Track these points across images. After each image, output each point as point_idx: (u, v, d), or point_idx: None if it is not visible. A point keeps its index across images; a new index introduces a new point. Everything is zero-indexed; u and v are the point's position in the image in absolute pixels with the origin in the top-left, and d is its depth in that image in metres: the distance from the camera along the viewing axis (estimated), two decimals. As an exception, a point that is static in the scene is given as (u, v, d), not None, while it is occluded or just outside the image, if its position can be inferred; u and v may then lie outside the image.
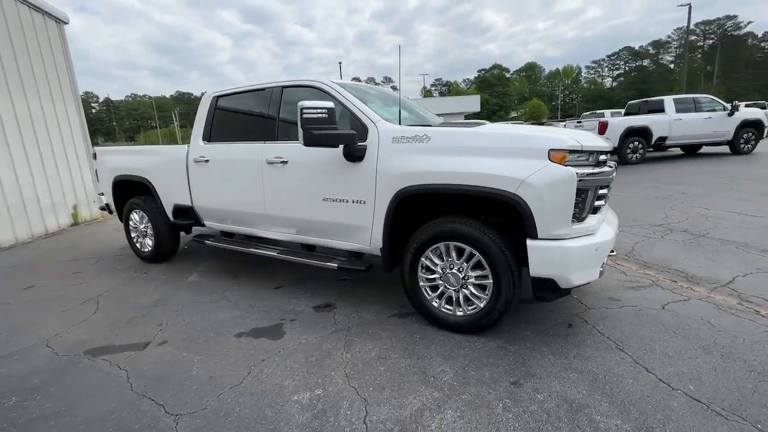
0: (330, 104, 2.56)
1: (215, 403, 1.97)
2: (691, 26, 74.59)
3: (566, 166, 2.12)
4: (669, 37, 75.43)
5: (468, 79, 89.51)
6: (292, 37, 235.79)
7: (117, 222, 7.09)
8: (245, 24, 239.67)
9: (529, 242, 2.19)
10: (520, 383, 2.03)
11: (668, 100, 10.44)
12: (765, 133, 11.14)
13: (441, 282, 2.56)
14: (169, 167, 3.96)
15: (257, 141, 3.28)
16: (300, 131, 2.55)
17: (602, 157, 2.31)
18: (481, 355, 2.30)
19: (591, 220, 2.29)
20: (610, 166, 2.38)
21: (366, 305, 3.05)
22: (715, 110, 10.40)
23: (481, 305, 2.43)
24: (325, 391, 2.03)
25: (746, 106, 15.64)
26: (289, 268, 3.98)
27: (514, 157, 2.21)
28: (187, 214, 4.00)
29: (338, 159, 2.77)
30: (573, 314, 2.76)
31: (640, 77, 77.22)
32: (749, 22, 64.33)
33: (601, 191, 2.30)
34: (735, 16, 65.05)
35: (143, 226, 4.38)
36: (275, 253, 3.35)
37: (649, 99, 11.32)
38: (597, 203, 2.30)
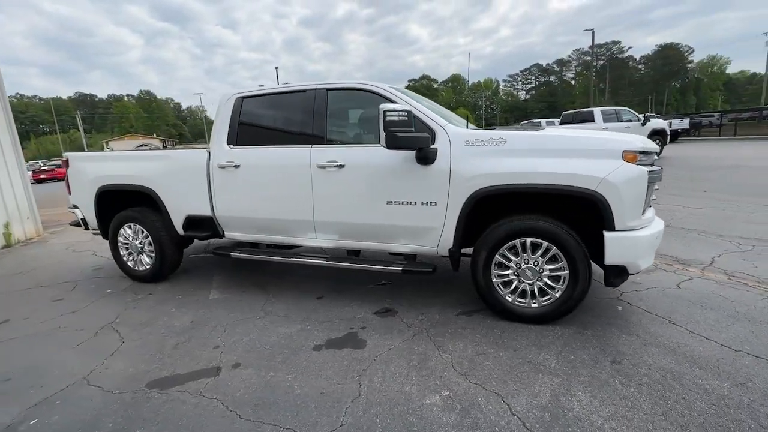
0: (408, 108, 2.58)
1: (349, 418, 1.87)
2: (587, 48, 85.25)
3: (637, 165, 2.41)
4: (569, 56, 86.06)
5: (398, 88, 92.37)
6: (213, 39, 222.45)
7: (65, 239, 6.14)
8: (160, 22, 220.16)
9: (607, 234, 2.44)
10: (618, 361, 2.24)
11: (597, 111, 11.99)
12: (668, 140, 13.33)
13: (514, 277, 2.71)
14: (182, 174, 3.57)
15: (301, 145, 3.14)
16: (383, 134, 2.53)
17: (654, 158, 2.66)
18: (567, 341, 2.48)
19: (649, 212, 2.62)
20: (659, 166, 2.75)
21: (425, 307, 3.08)
22: (631, 120, 12.18)
23: (557, 295, 2.63)
24: (452, 391, 2.04)
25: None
26: (317, 277, 3.83)
27: (592, 158, 2.45)
28: (203, 226, 3.64)
29: (404, 162, 2.79)
30: (613, 298, 3.09)
31: (548, 91, 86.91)
32: (629, 47, 76.26)
33: (655, 187, 2.65)
34: (619, 42, 76.71)
35: (138, 241, 3.87)
36: (324, 261, 3.22)
37: (581, 110, 12.90)
38: (652, 198, 2.64)
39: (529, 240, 2.61)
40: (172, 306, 3.34)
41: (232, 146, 3.39)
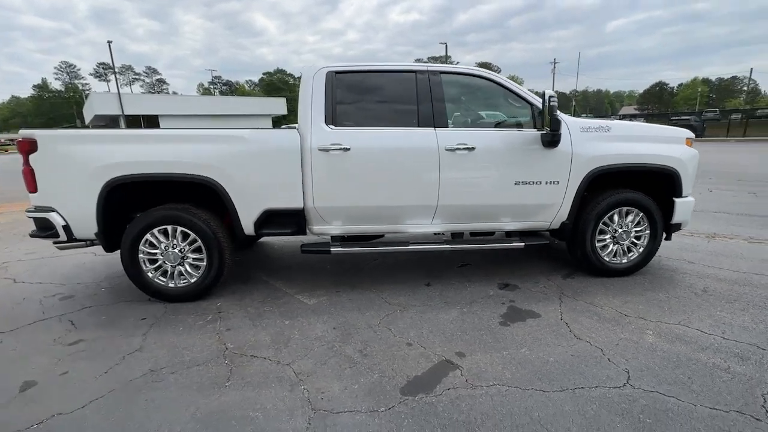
0: (552, 93, 2.87)
1: (634, 372, 2.11)
2: (425, 59, 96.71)
3: (692, 148, 3.33)
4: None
5: (252, 80, 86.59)
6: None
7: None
8: None
9: (676, 200, 3.29)
10: (683, 284, 3.10)
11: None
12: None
13: (610, 241, 3.33)
14: (263, 160, 2.92)
15: (423, 127, 3.04)
16: (548, 118, 2.76)
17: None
18: (649, 284, 3.23)
19: (689, 185, 3.60)
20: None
21: (530, 277, 3.43)
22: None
23: (640, 251, 3.37)
24: (658, 324, 2.49)
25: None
26: (384, 268, 3.73)
27: (667, 143, 3.25)
28: (285, 221, 3.08)
29: (531, 145, 3.07)
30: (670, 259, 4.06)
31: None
32: (458, 62, 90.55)
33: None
34: (450, 56, 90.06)
35: (179, 248, 2.98)
36: (448, 246, 3.20)
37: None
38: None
39: (625, 209, 3.27)
40: (280, 317, 2.77)
41: (333, 127, 2.99)
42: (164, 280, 3.05)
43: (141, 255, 2.97)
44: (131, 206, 3.12)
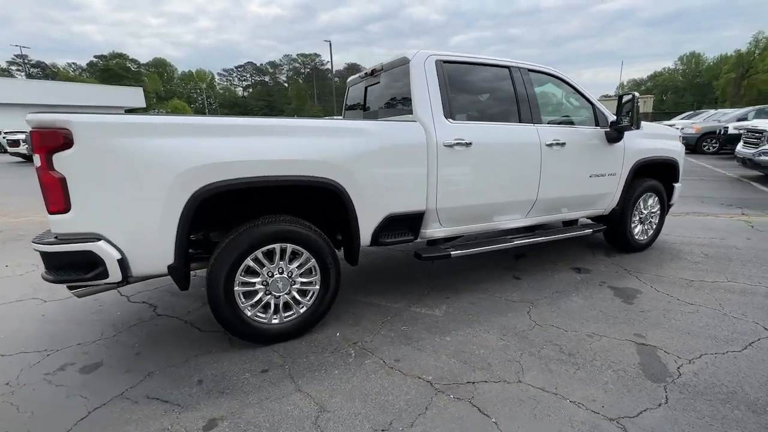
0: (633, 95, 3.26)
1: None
2: (294, 56, 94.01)
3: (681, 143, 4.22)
4: (281, 60, 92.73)
5: (76, 64, 69.58)
6: None
7: None
8: None
9: (675, 185, 4.13)
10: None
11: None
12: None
13: (638, 221, 3.97)
14: (389, 157, 2.49)
15: (525, 123, 3.06)
16: (635, 117, 3.11)
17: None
18: (684, 265, 4.01)
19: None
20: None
21: (581, 259, 3.83)
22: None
23: (654, 228, 4.11)
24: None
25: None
26: (466, 261, 3.69)
27: (671, 140, 4.04)
28: (402, 227, 2.71)
29: (600, 141, 3.43)
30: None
31: (266, 91, 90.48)
32: (328, 61, 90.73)
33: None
34: (320, 55, 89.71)
35: (287, 273, 2.33)
36: (539, 238, 3.31)
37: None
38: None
39: (648, 194, 3.94)
40: (431, 334, 2.44)
41: (451, 120, 2.75)
42: (265, 316, 2.34)
43: (237, 287, 2.21)
44: (208, 224, 2.29)
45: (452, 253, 2.88)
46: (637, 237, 3.97)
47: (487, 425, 1.71)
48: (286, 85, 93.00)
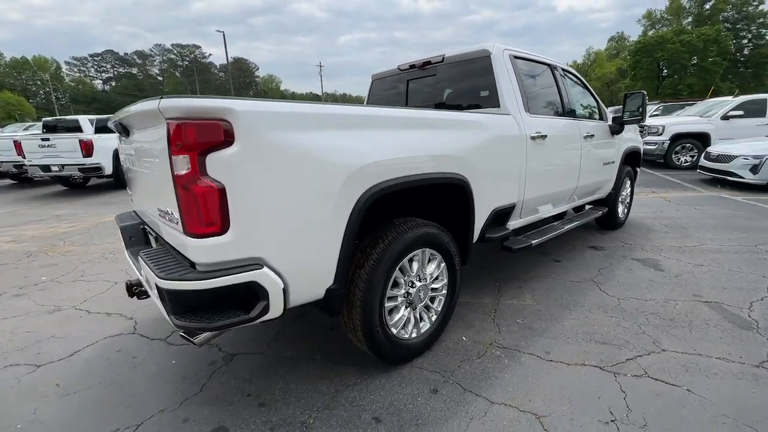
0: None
1: None
2: (168, 46, 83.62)
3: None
4: (152, 50, 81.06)
5: None
6: None
7: None
8: None
9: (638, 169, 4.95)
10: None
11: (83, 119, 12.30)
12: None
13: (620, 201, 4.66)
14: (499, 150, 2.43)
15: (569, 117, 3.31)
16: (644, 112, 3.63)
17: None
18: (666, 235, 4.81)
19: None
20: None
21: (599, 239, 4.34)
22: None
23: (628, 207, 4.87)
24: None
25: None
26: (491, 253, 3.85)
27: (636, 133, 4.82)
28: (500, 220, 2.69)
29: (606, 133, 3.92)
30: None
31: (134, 84, 78.19)
32: (210, 54, 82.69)
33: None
34: (199, 47, 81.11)
35: (427, 281, 2.12)
36: (575, 223, 3.62)
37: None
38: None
39: (626, 179, 4.65)
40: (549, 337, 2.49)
41: (529, 114, 2.82)
42: (405, 331, 2.09)
43: (386, 303, 1.93)
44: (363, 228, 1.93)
45: (533, 242, 2.98)
46: (620, 216, 4.65)
47: (684, 394, 1.84)
48: (160, 78, 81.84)
